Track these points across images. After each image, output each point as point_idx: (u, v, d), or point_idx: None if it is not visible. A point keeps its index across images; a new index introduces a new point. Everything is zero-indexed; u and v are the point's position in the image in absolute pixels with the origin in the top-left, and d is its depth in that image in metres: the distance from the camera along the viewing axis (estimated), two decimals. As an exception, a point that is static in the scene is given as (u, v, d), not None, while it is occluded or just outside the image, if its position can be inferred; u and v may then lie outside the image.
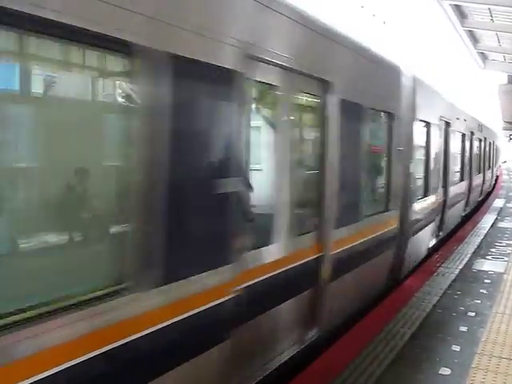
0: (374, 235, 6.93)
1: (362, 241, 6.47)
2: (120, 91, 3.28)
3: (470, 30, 20.03)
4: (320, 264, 5.40)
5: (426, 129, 10.17)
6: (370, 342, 5.79)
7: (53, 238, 2.94)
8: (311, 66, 5.15)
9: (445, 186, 12.13)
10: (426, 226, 10.14)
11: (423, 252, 10.29)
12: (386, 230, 7.50)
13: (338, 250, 5.72)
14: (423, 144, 10.12)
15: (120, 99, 3.30)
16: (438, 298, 7.59)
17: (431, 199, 10.64)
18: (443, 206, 12.07)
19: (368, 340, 5.82)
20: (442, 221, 12.02)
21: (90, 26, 2.69)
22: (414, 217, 8.87)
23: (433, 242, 11.19)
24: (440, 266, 9.60)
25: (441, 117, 11.35)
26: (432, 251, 10.85)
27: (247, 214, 4.20)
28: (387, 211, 7.65)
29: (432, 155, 10.61)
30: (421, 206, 9.61)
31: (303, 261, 5.12)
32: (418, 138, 9.53)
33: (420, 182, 9.87)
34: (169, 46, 3.22)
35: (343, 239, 5.90)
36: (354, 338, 5.93)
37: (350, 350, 5.56)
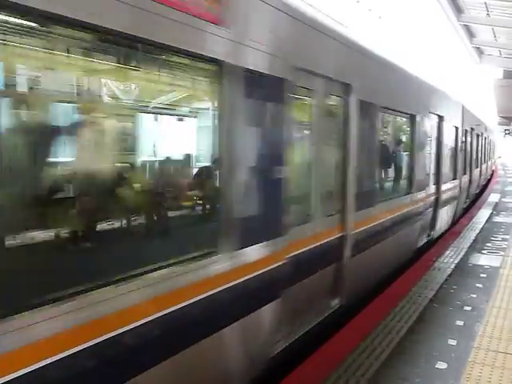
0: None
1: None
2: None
3: (465, 25, 20.06)
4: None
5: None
6: (367, 336, 5.80)
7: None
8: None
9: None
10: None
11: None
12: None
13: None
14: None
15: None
16: (434, 292, 7.60)
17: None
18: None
19: (365, 334, 5.84)
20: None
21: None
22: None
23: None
24: (436, 260, 9.63)
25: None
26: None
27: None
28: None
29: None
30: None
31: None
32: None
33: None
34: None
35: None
36: (352, 332, 5.94)
37: (347, 343, 5.58)
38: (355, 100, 6.47)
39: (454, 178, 14.03)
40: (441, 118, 11.67)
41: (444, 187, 12.25)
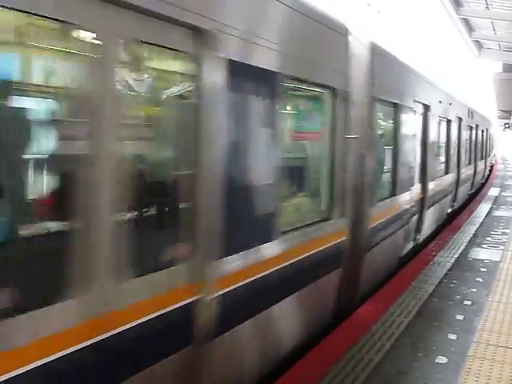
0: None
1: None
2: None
3: (465, 19, 19.99)
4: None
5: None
6: (367, 330, 5.79)
7: None
8: None
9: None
10: None
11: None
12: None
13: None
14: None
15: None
16: (434, 286, 7.59)
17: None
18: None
19: (365, 329, 5.83)
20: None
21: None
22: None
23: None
24: (436, 254, 9.62)
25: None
26: None
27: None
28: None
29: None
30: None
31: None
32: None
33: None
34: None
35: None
36: (351, 327, 5.94)
37: (347, 338, 5.56)
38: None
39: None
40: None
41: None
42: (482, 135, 24.16)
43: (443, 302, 6.91)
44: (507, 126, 44.46)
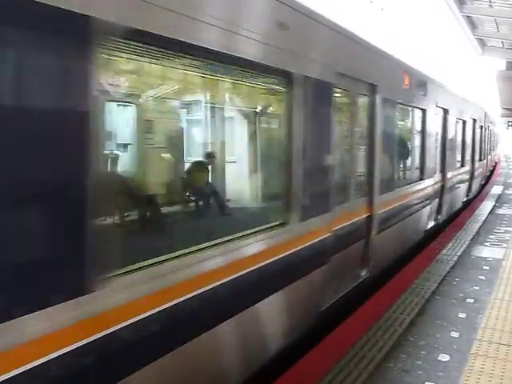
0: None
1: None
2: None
3: (468, 16, 19.94)
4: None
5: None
6: (370, 328, 5.80)
7: None
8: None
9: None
10: None
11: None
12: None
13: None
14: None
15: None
16: (436, 284, 7.60)
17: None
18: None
19: (367, 327, 5.84)
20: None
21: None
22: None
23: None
24: (439, 252, 9.62)
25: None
26: None
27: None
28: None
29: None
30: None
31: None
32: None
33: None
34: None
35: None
36: (354, 325, 5.95)
37: (349, 336, 5.58)
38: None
39: None
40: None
41: None
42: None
43: (446, 300, 6.91)
44: (510, 123, 44.31)
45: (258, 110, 5.87)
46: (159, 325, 3.34)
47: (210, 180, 5.44)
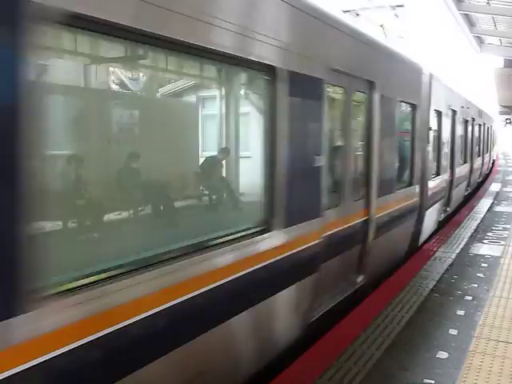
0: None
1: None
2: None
3: (466, 14, 19.93)
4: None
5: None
6: (368, 326, 5.81)
7: None
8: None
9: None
10: None
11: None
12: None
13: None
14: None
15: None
16: (435, 282, 7.61)
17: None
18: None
19: (366, 324, 5.85)
20: None
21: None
22: None
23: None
24: (437, 250, 9.63)
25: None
26: None
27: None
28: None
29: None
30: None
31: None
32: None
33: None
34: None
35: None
36: (353, 322, 5.95)
37: (348, 333, 5.58)
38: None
39: None
40: None
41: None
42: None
43: (444, 298, 6.93)
44: (508, 121, 44.36)
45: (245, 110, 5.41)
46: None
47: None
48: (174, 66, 4.47)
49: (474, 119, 17.95)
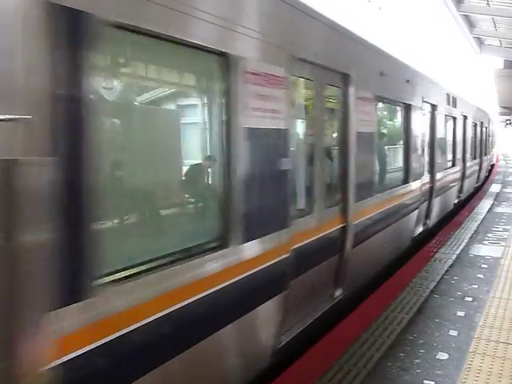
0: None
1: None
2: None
3: (465, 15, 19.94)
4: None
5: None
6: (368, 327, 5.81)
7: None
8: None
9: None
10: None
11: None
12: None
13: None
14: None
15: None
16: (435, 283, 7.61)
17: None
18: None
19: (366, 325, 5.85)
20: None
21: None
22: None
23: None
24: (437, 251, 9.63)
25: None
26: None
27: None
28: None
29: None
30: None
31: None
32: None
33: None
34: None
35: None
36: (353, 323, 5.96)
37: (348, 335, 5.59)
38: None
39: None
40: None
41: None
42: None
43: (444, 299, 6.93)
44: (508, 122, 44.35)
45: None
46: None
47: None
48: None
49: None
